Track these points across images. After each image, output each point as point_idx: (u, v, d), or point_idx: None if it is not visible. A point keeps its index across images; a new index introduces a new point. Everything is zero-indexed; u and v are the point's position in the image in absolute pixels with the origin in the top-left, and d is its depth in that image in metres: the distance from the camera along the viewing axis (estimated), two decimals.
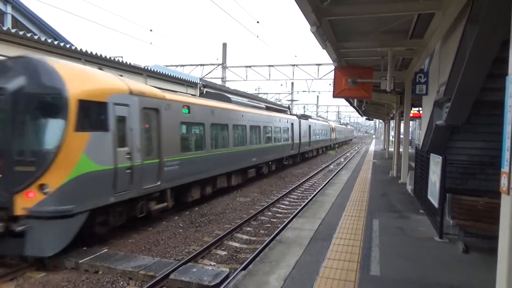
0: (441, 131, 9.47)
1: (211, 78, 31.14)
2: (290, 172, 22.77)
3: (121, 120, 7.50)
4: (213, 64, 30.55)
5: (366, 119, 47.53)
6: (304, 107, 68.78)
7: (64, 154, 6.21)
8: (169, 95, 9.48)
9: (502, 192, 3.55)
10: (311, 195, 14.49)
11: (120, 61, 13.37)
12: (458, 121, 8.65)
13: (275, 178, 19.96)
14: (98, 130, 6.88)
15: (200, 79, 20.45)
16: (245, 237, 9.48)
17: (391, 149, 21.87)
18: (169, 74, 16.32)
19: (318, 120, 36.97)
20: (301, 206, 12.15)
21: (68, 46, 11.32)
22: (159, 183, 8.74)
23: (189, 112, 10.33)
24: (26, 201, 6.06)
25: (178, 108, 9.72)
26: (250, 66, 29.67)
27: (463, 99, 7.71)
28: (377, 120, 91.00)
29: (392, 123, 44.73)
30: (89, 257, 7.33)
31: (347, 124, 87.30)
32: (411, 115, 18.25)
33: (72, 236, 6.65)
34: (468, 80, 7.02)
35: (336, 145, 48.17)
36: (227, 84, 30.29)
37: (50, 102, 6.31)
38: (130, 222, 8.98)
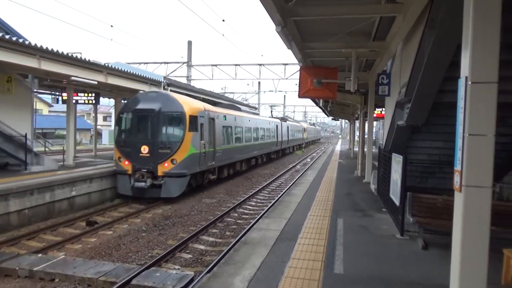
0: (402, 131, 9.87)
1: (176, 76, 30.76)
2: (257, 172, 22.91)
3: (201, 125, 13.99)
4: (178, 62, 30.18)
5: (332, 119, 48.56)
6: (271, 107, 69.32)
7: (184, 144, 12.65)
8: (218, 109, 16.69)
9: (455, 189, 3.79)
10: (277, 196, 14.66)
11: (79, 57, 12.95)
12: (418, 122, 9.04)
13: (242, 179, 20.02)
14: (195, 131, 13.35)
15: (164, 77, 20.16)
16: (210, 239, 9.46)
17: (357, 149, 22.52)
18: (131, 72, 15.98)
19: (293, 122, 45.67)
20: (268, 207, 12.27)
21: (21, 41, 10.84)
22: (213, 163, 15.40)
23: (225, 119, 17.35)
24: (164, 168, 12.42)
25: (221, 117, 16.68)
26: (216, 65, 29.57)
27: (422, 101, 8.08)
28: (343, 120, 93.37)
29: (357, 123, 45.89)
30: (44, 264, 7.07)
31: (314, 124, 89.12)
32: (375, 115, 18.82)
33: (185, 187, 13.04)
34: (426, 82, 7.37)
35: (303, 145, 49.70)
36: (193, 83, 30.02)
37: (177, 117, 12.82)
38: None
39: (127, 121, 13.80)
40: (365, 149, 16.40)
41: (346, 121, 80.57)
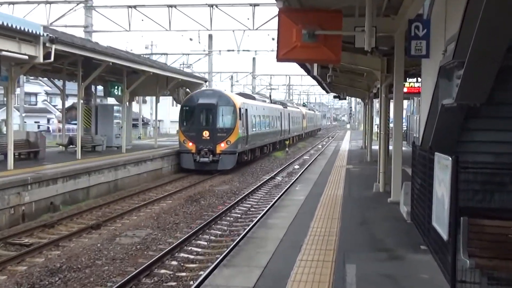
0: (451, 117, 10.05)
1: (66, 26, 30.21)
2: (210, 189, 22.85)
3: (242, 115, 31.79)
4: (69, 2, 29.61)
5: (335, 97, 49.02)
6: (232, 78, 69.47)
7: (235, 129, 30.07)
8: (247, 101, 36.25)
9: None
10: (244, 229, 14.65)
11: None
12: (476, 100, 9.23)
13: (183, 201, 19.91)
14: (240, 119, 30.89)
15: (45, 28, 19.67)
16: None
17: (376, 147, 22.69)
18: None
19: (293, 107, 61.98)
20: (228, 248, 12.25)
21: None
22: (247, 146, 33.01)
23: (251, 109, 35.11)
24: (220, 147, 29.44)
25: (250, 107, 34.80)
26: (135, 6, 29.24)
27: (482, 65, 8.23)
28: (352, 98, 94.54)
29: (376, 104, 46.29)
30: None
31: (305, 104, 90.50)
32: (405, 90, 19.11)
33: (235, 162, 30.24)
34: (489, 34, 7.52)
35: (289, 139, 50.89)
36: (96, 38, 29.58)
37: (230, 108, 30.77)
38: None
39: (190, 113, 30.19)
40: (391, 147, 16.62)
41: (359, 100, 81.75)
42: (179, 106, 34.88)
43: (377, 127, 34.19)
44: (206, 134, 28.90)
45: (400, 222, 12.20)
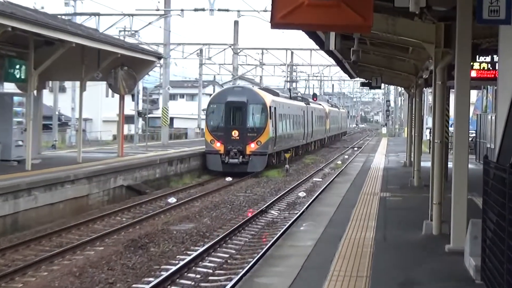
0: None
1: None
2: (164, 229, 22.83)
3: (272, 113, 55.91)
4: None
5: (363, 85, 49.27)
6: (201, 54, 69.70)
7: (266, 128, 53.35)
8: (276, 99, 61.97)
9: None
10: None
11: None
12: None
13: (121, 248, 19.90)
14: (270, 119, 54.60)
15: None
16: None
17: (427, 164, 22.60)
18: None
19: (315, 104, 77.29)
20: None
21: None
22: (275, 147, 56.83)
23: (278, 107, 60.17)
24: (250, 148, 52.10)
25: (279, 105, 61.01)
26: None
27: None
28: (391, 87, 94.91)
29: (429, 96, 46.07)
30: None
31: (315, 95, 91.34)
32: (473, 74, 19.13)
33: (265, 164, 52.48)
34: None
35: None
36: None
37: (261, 107, 54.35)
38: None
39: (218, 111, 49.16)
40: (450, 164, 16.60)
41: (400, 90, 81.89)
42: (117, 96, 36.91)
43: (429, 133, 34.29)
44: (235, 134, 44.69)
45: (465, 282, 12.16)
